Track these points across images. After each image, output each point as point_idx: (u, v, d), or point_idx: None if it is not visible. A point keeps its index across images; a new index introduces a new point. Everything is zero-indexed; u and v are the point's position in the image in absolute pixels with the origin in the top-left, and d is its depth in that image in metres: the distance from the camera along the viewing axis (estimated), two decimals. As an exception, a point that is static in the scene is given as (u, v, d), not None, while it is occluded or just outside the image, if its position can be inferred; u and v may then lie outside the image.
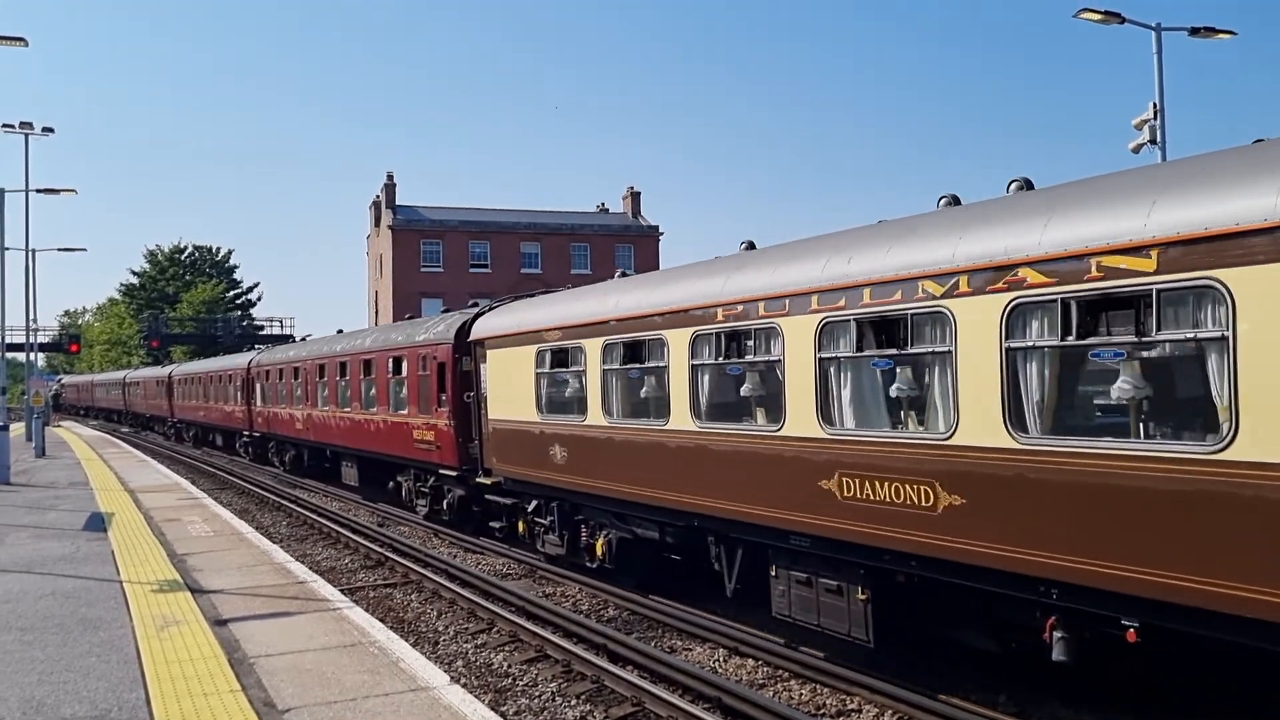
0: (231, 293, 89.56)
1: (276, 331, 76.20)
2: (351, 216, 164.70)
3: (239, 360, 40.08)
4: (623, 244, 70.45)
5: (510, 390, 15.74)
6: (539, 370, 14.75)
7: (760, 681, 10.21)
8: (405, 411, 21.36)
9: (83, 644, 9.58)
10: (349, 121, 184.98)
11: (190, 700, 7.80)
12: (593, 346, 13.19)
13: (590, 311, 13.57)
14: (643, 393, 12.53)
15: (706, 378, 11.09)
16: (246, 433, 38.01)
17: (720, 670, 10.60)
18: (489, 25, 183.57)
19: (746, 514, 10.36)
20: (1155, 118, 23.08)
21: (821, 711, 9.36)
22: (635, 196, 74.74)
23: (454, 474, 19.15)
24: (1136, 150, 23.51)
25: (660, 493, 11.80)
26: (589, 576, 14.58)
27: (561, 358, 14.22)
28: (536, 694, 10.04)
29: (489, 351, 16.75)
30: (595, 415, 13.14)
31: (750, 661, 10.82)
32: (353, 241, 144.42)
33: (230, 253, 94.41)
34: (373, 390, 23.81)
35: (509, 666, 11.01)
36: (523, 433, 15.33)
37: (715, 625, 11.87)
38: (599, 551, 14.03)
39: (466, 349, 18.22)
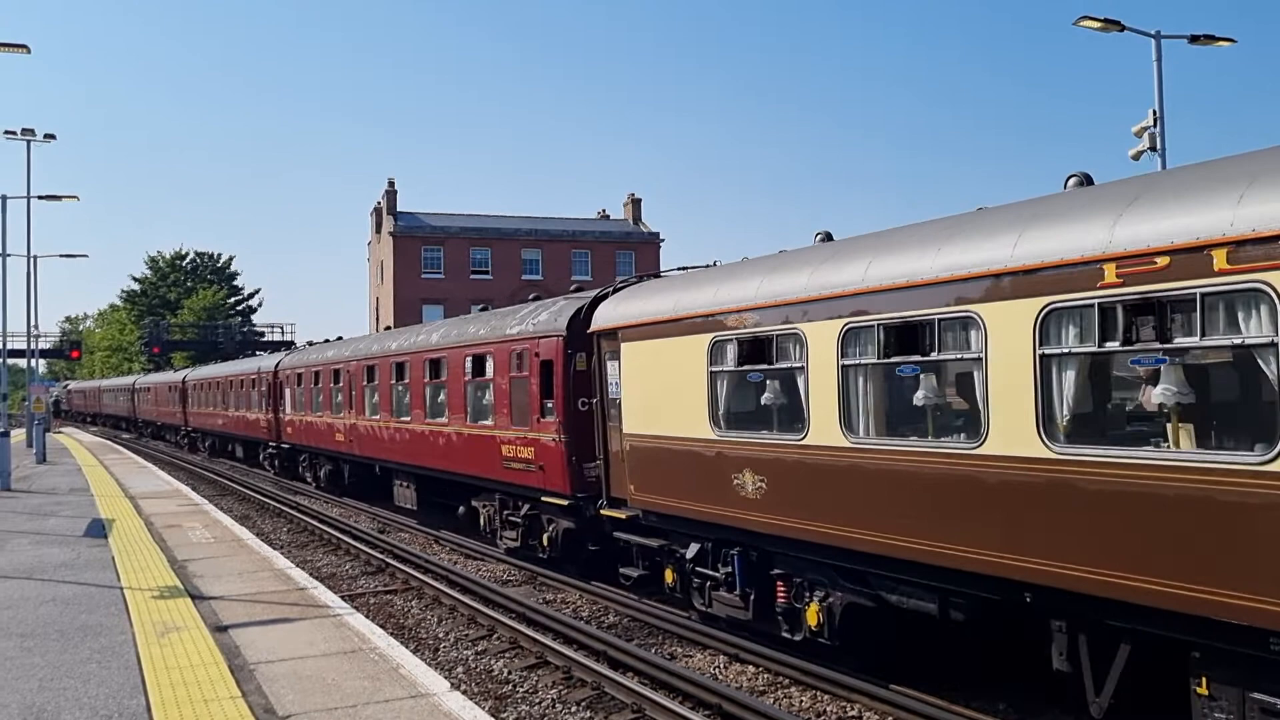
0: (233, 299, 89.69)
1: (278, 338, 76.26)
2: (353, 223, 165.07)
3: (264, 362, 35.88)
4: (624, 250, 70.56)
5: (661, 395, 11.88)
6: (715, 368, 10.82)
7: (761, 688, 10.20)
8: (490, 423, 17.35)
9: (83, 650, 9.58)
10: (350, 128, 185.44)
11: (191, 707, 7.80)
12: (820, 333, 9.31)
13: (816, 284, 9.51)
14: (918, 398, 8.57)
15: (1070, 375, 7.22)
16: (273, 444, 33.93)
17: (721, 677, 10.59)
18: (491, 32, 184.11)
19: (1151, 592, 6.60)
20: (1155, 125, 23.11)
21: (822, 718, 9.35)
22: (636, 203, 74.94)
23: (563, 503, 14.98)
24: (1137, 157, 23.55)
25: (953, 547, 8.06)
26: (784, 651, 10.76)
27: (758, 350, 10.27)
28: (537, 700, 10.03)
29: (625, 345, 12.68)
30: (824, 431, 9.26)
31: (751, 668, 10.81)
32: (354, 248, 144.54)
33: (231, 259, 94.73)
34: (441, 396, 19.71)
35: (509, 673, 11.01)
36: (683, 453, 11.44)
37: (715, 632, 11.86)
38: (812, 620, 10.03)
39: (583, 342, 14.39)
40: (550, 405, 15.21)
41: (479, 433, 17.90)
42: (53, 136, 37.74)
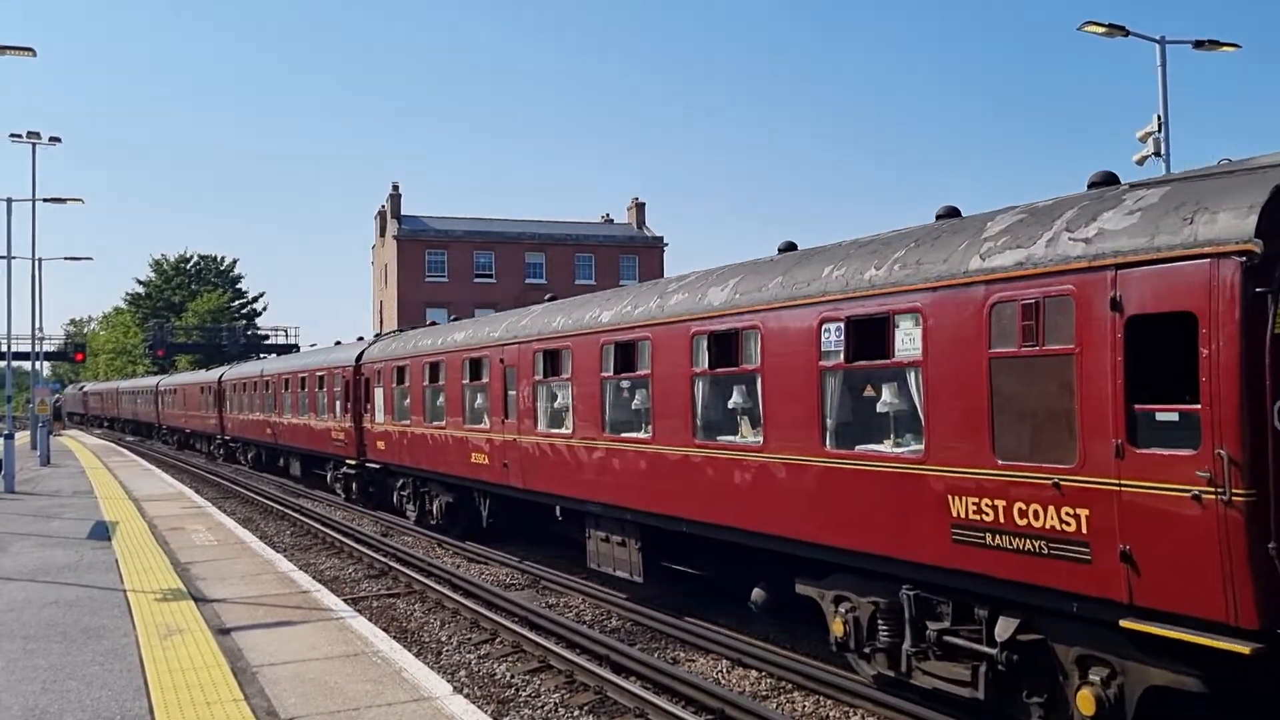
0: (236, 302, 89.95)
1: (281, 341, 76.40)
2: (356, 227, 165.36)
3: (340, 355, 27.35)
4: (627, 254, 70.67)
5: None
6: None
7: (764, 693, 10.19)
8: (913, 446, 8.94)
9: (86, 653, 9.58)
10: (354, 131, 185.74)
11: (193, 709, 7.80)
12: None
13: None
14: None
15: None
16: (351, 461, 25.60)
17: (724, 681, 10.57)
18: (495, 37, 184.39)
19: None
20: (1159, 130, 23.10)
21: (825, 723, 9.32)
22: (640, 207, 75.15)
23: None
24: (1141, 162, 23.54)
25: None
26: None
27: None
28: (539, 705, 10.02)
29: None
30: None
31: (754, 673, 10.79)
32: (358, 251, 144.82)
33: (235, 262, 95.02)
34: (738, 397, 11.26)
35: (512, 677, 11.00)
36: None
37: (718, 636, 11.85)
38: None
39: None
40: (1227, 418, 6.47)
41: (880, 469, 9.13)
42: (58, 139, 37.80)
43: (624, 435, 13.29)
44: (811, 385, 9.83)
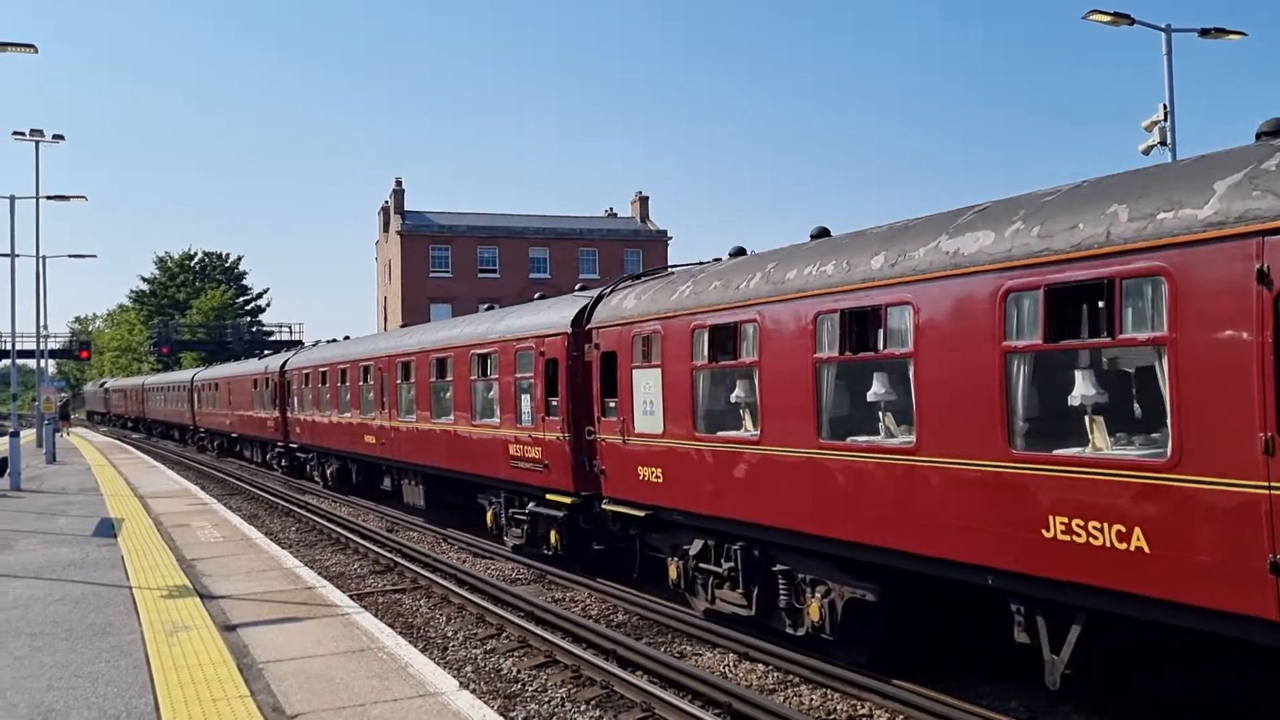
0: (241, 299, 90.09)
1: (287, 337, 76.52)
2: (360, 222, 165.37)
3: (527, 321, 16.76)
4: (631, 249, 70.63)
5: None
6: None
7: (771, 687, 10.16)
8: None
9: (92, 649, 9.58)
10: (358, 127, 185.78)
11: (199, 706, 7.79)
12: None
13: None
14: None
15: None
16: (561, 496, 15.18)
17: (730, 675, 10.55)
18: (497, 31, 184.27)
19: None
20: (1165, 119, 23.00)
21: (832, 717, 9.30)
22: (644, 201, 75.07)
23: None
24: (1147, 151, 23.43)
25: None
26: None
27: None
28: (546, 699, 10.00)
29: None
30: None
31: (760, 666, 10.77)
32: (362, 247, 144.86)
33: (240, 259, 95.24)
34: None
35: (518, 672, 10.98)
36: None
37: (725, 631, 11.82)
38: None
39: None
40: None
41: None
42: (61, 137, 37.90)
43: None
44: None
